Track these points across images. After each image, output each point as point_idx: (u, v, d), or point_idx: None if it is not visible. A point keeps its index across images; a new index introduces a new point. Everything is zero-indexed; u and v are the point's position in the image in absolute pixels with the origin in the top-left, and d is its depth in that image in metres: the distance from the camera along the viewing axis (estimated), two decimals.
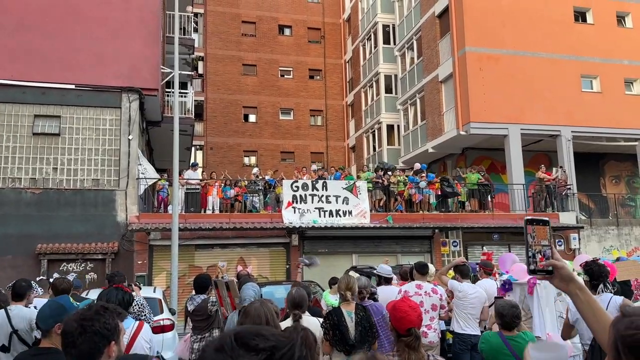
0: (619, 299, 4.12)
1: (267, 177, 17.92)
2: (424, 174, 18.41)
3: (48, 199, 15.13)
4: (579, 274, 4.93)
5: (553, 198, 19.37)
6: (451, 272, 7.54)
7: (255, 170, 18.96)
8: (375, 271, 7.17)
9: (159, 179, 16.72)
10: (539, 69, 21.24)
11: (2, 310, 4.46)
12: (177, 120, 12.69)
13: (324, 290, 12.84)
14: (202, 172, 17.86)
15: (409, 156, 24.56)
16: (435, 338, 6.30)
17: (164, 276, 15.15)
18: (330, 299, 8.59)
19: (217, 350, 1.01)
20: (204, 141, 31.05)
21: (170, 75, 15.97)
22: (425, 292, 6.39)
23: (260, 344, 1.02)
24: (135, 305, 4.63)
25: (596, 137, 21.83)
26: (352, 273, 7.71)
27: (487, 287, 6.74)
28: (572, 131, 21.29)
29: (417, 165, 19.09)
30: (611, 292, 4.04)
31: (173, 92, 14.79)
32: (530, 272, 1.78)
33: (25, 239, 14.55)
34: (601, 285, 4.06)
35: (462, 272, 6.71)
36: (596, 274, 4.13)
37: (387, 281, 6.78)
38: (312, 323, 4.43)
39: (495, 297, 5.07)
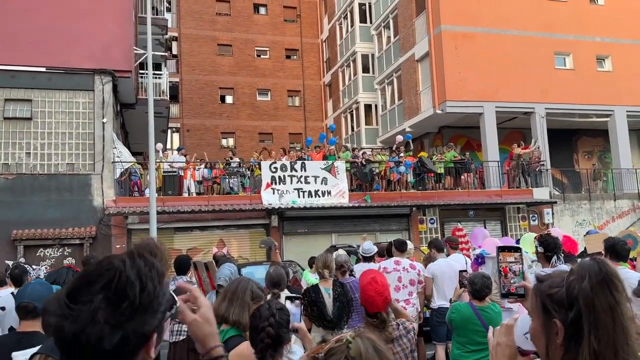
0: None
1: (252, 160, 17.84)
2: (402, 154, 18.52)
3: (22, 185, 14.90)
4: (535, 247, 5.12)
5: (527, 174, 19.77)
6: (425, 248, 7.73)
7: (228, 152, 18.83)
8: (358, 252, 7.30)
9: (135, 163, 16.57)
10: (514, 46, 21.47)
11: None
12: (152, 102, 12.54)
13: (304, 270, 13.02)
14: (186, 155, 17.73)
15: (386, 135, 24.73)
16: (413, 313, 6.49)
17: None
18: (310, 277, 8.74)
19: (62, 317, 1.03)
20: (180, 123, 30.70)
21: (144, 57, 15.71)
22: (404, 267, 6.55)
23: (90, 293, 1.03)
24: None
25: (569, 114, 22.27)
26: (340, 251, 7.84)
27: (456, 260, 6.94)
28: (545, 108, 21.67)
29: (400, 138, 19.12)
30: (563, 264, 4.23)
31: (147, 74, 14.57)
32: (503, 295, 1.89)
33: (0, 225, 14.34)
34: (555, 257, 4.24)
35: (437, 246, 6.90)
36: (551, 245, 4.30)
37: (367, 260, 6.92)
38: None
39: (460, 271, 5.24)
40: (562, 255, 4.31)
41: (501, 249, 1.93)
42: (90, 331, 1.00)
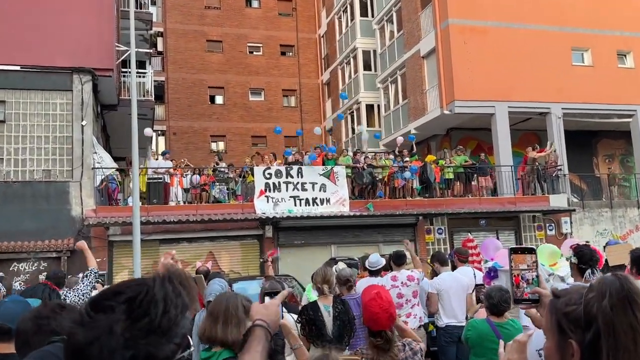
0: None
1: (245, 167, 17.83)
2: (407, 158, 18.54)
3: None
4: (567, 258, 5.10)
5: (543, 180, 19.80)
6: (429, 261, 7.74)
7: (215, 157, 18.82)
8: (366, 264, 7.30)
9: (117, 169, 16.55)
10: (527, 41, 21.56)
11: None
12: (135, 103, 12.54)
13: (300, 285, 13.00)
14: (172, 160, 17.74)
15: (390, 138, 24.76)
16: (416, 324, 6.49)
17: (125, 274, 15.07)
18: (313, 294, 8.71)
19: (79, 324, 1.09)
20: (166, 126, 30.72)
21: (127, 54, 15.72)
22: (402, 282, 6.55)
23: (114, 302, 1.10)
24: None
25: (588, 114, 22.33)
26: (340, 264, 7.84)
27: (464, 274, 6.93)
28: (562, 108, 21.72)
29: (400, 140, 19.13)
30: None
31: (130, 72, 14.58)
32: (515, 301, 1.89)
33: None
34: (589, 270, 4.22)
35: (440, 259, 6.91)
36: (586, 256, 4.27)
37: (373, 274, 6.90)
38: (287, 319, 4.53)
39: (477, 285, 5.23)
40: (598, 270, 4.28)
41: (514, 250, 1.93)
42: (104, 341, 1.06)
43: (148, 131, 16.87)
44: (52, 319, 2.02)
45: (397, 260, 6.86)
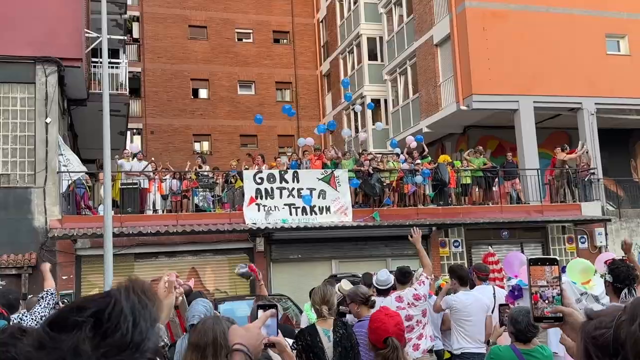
0: None
1: (232, 170, 17.82)
2: (419, 161, 18.54)
3: None
4: (601, 275, 5.09)
5: (574, 185, 19.82)
6: (446, 278, 7.71)
7: (198, 159, 18.78)
8: (374, 282, 7.29)
9: (86, 173, 16.53)
10: (555, 27, 21.61)
11: None
12: (107, 98, 12.54)
13: (296, 306, 12.98)
14: (149, 164, 17.73)
15: (399, 137, 24.76)
16: (428, 344, 6.51)
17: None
18: (313, 315, 8.69)
19: (39, 348, 1.09)
20: (143, 123, 30.74)
21: (97, 41, 15.74)
22: (409, 303, 6.55)
23: (79, 317, 1.10)
24: None
25: (625, 110, 22.38)
26: (343, 282, 7.84)
27: (482, 294, 6.91)
28: (595, 103, 21.76)
29: (410, 139, 19.14)
30: None
31: (101, 63, 14.60)
32: (535, 320, 1.90)
33: None
34: (625, 290, 4.21)
35: (461, 277, 6.85)
36: (622, 274, 4.26)
37: (382, 293, 6.89)
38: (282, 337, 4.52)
39: (500, 305, 5.22)
40: (636, 289, 4.27)
41: (532, 262, 1.93)
42: None
43: (135, 147, 17.00)
44: (12, 346, 2.01)
45: (402, 278, 6.85)
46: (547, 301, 1.87)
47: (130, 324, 1.13)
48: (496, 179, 19.34)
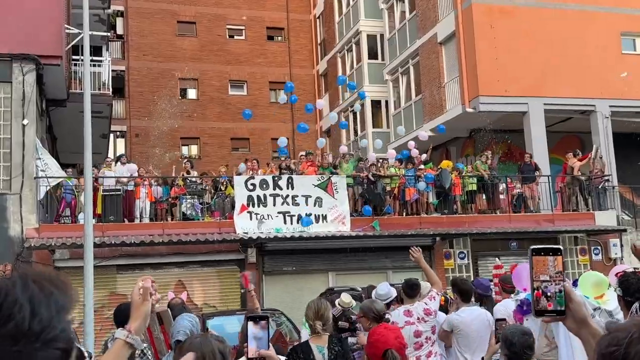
0: None
1: (222, 176, 17.81)
2: (422, 166, 18.56)
3: None
4: (615, 289, 5.08)
5: (587, 193, 19.85)
6: (449, 292, 7.68)
7: (186, 163, 18.75)
8: (373, 296, 7.29)
9: (66, 178, 16.49)
10: (567, 25, 21.70)
11: None
12: (89, 98, 12.52)
13: (290, 322, 12.96)
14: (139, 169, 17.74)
15: (401, 141, 24.81)
16: None
17: (75, 309, 15.00)
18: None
19: None
20: (127, 126, 30.73)
21: (79, 38, 15.72)
22: (418, 317, 6.53)
23: None
24: None
25: None
26: (343, 296, 7.83)
27: (505, 309, 6.89)
28: (610, 105, 21.84)
29: (412, 145, 19.14)
30: None
31: (82, 60, 14.59)
32: (537, 313, 1.90)
33: None
34: (636, 304, 4.20)
35: (463, 291, 6.81)
36: (632, 287, 4.26)
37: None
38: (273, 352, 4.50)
39: (497, 320, 5.21)
40: None
41: (536, 251, 1.93)
42: None
43: (132, 167, 17.06)
44: None
45: (410, 291, 6.83)
46: (549, 298, 1.88)
47: (28, 313, 1.16)
48: (502, 186, 19.35)
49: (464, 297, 6.75)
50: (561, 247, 1.94)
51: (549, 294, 1.88)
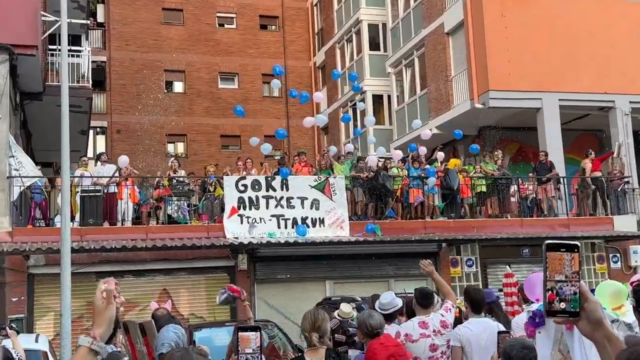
0: None
1: (211, 176, 17.76)
2: (428, 166, 18.58)
3: None
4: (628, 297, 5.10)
5: (606, 196, 19.85)
6: (460, 302, 7.68)
7: (173, 162, 18.70)
8: (376, 306, 7.28)
9: (41, 178, 16.47)
10: (585, 15, 21.73)
11: None
12: (67, 91, 12.51)
13: (284, 334, 12.96)
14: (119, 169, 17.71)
15: (404, 139, 24.84)
16: None
17: (51, 318, 14.97)
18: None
19: None
20: (108, 121, 30.70)
21: (56, 26, 15.71)
22: (434, 330, 6.52)
23: None
24: None
25: None
26: (343, 306, 7.83)
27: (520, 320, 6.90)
28: (630, 101, 21.86)
29: (423, 150, 19.13)
30: None
31: (60, 50, 14.57)
32: (548, 314, 1.90)
33: None
34: None
35: (475, 301, 6.80)
36: None
37: (387, 319, 6.87)
38: None
39: (499, 333, 5.22)
40: None
41: (551, 247, 1.92)
42: None
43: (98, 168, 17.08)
44: None
45: (423, 301, 6.81)
46: (564, 300, 1.87)
47: None
48: (513, 188, 19.37)
49: (475, 307, 6.75)
50: (578, 244, 1.93)
51: (563, 295, 1.87)
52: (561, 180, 19.90)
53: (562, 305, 1.87)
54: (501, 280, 13.57)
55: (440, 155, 19.33)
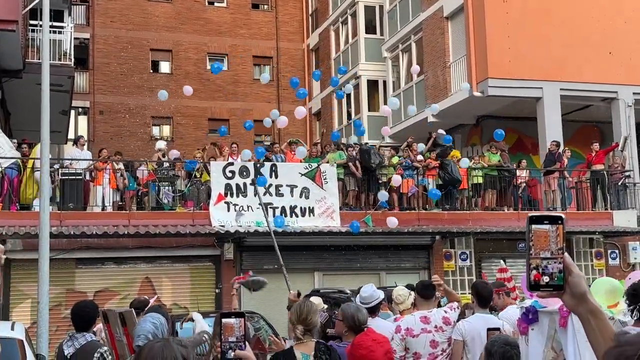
0: None
1: (197, 161, 17.70)
2: (419, 157, 18.59)
3: None
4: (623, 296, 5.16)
5: (606, 190, 19.93)
6: (467, 296, 7.76)
7: (160, 144, 18.70)
8: (357, 299, 7.31)
9: (20, 158, 16.40)
10: (589, 2, 21.74)
11: None
12: (47, 69, 12.46)
13: (270, 326, 12.99)
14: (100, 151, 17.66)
15: (400, 127, 24.86)
16: None
17: (27, 306, 14.97)
18: None
19: None
20: (90, 101, 30.56)
21: (37, 0, 15.62)
22: (436, 326, 6.57)
23: None
24: None
25: None
26: (313, 299, 7.86)
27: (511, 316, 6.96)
28: (634, 93, 21.92)
29: (419, 147, 19.13)
30: None
31: (41, 26, 14.49)
32: (531, 287, 1.91)
33: None
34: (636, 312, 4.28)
35: (481, 296, 6.82)
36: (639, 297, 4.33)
37: (371, 312, 6.88)
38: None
39: (489, 330, 5.28)
40: None
41: (535, 220, 1.93)
42: None
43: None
44: None
45: (425, 292, 6.84)
46: (549, 277, 1.88)
47: None
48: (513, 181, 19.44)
49: (482, 301, 6.81)
50: (563, 216, 1.93)
51: (548, 273, 1.89)
52: (566, 173, 19.89)
53: (546, 279, 1.88)
54: (495, 275, 13.65)
55: (420, 145, 19.01)
